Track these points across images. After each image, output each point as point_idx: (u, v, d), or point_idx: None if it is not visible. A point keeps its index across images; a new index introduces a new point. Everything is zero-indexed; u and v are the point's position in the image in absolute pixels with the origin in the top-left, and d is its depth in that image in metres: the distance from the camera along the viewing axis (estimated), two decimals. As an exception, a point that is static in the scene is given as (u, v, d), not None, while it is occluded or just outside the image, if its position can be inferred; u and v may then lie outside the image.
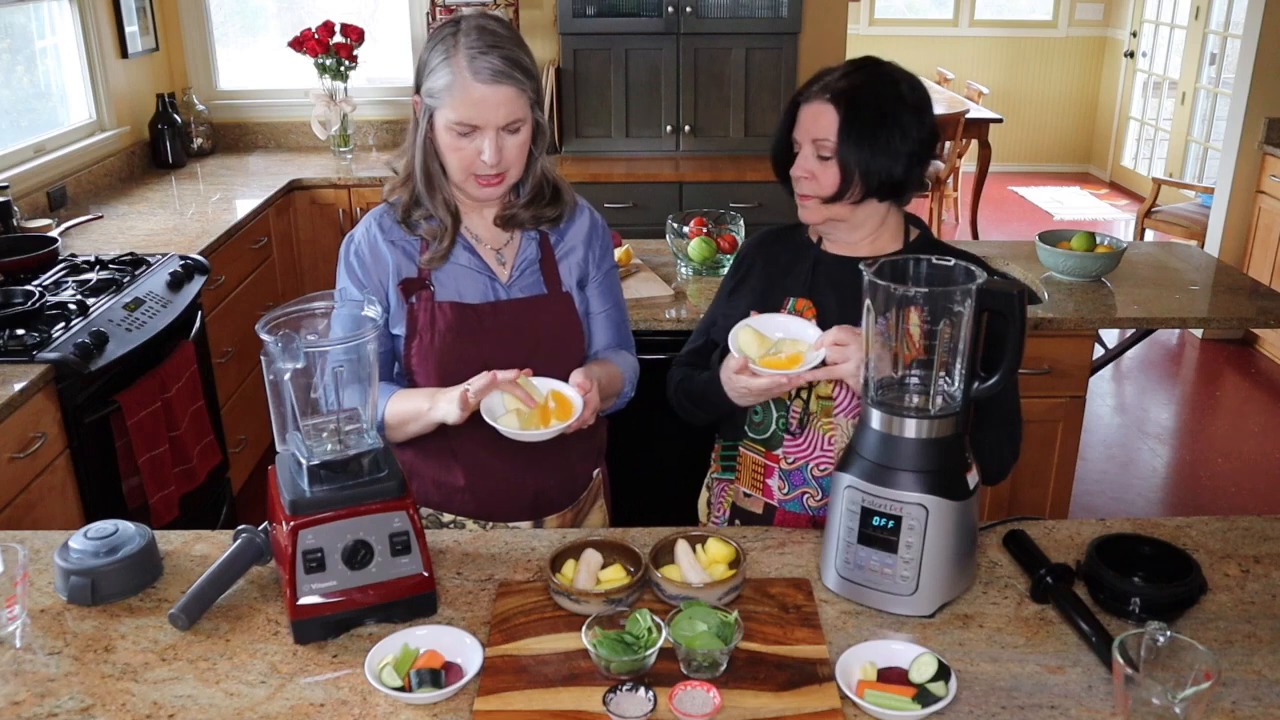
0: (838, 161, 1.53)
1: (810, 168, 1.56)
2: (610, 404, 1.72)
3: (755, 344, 1.55)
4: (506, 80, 1.50)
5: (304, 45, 4.29)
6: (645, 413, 2.86)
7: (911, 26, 8.46)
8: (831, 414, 1.63)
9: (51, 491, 2.31)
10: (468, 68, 1.50)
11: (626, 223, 4.00)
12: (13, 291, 2.61)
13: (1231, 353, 5.04)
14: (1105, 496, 3.78)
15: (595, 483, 1.84)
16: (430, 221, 1.63)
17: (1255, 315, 2.76)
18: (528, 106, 1.55)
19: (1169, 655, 1.19)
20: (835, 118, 1.53)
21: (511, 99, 1.52)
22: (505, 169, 1.57)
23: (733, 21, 4.26)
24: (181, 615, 1.35)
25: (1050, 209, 7.58)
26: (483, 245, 1.67)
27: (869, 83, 1.54)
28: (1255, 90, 4.82)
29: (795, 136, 1.59)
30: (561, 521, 1.77)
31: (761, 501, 1.71)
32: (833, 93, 1.53)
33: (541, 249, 1.69)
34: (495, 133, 1.52)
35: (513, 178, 1.60)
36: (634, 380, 1.79)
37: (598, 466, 1.85)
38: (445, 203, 1.62)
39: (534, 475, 1.70)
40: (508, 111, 1.52)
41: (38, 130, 3.68)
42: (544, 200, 1.66)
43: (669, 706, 1.20)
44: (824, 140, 1.54)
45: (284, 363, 1.32)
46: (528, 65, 1.54)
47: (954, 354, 1.37)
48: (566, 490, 1.76)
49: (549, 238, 1.70)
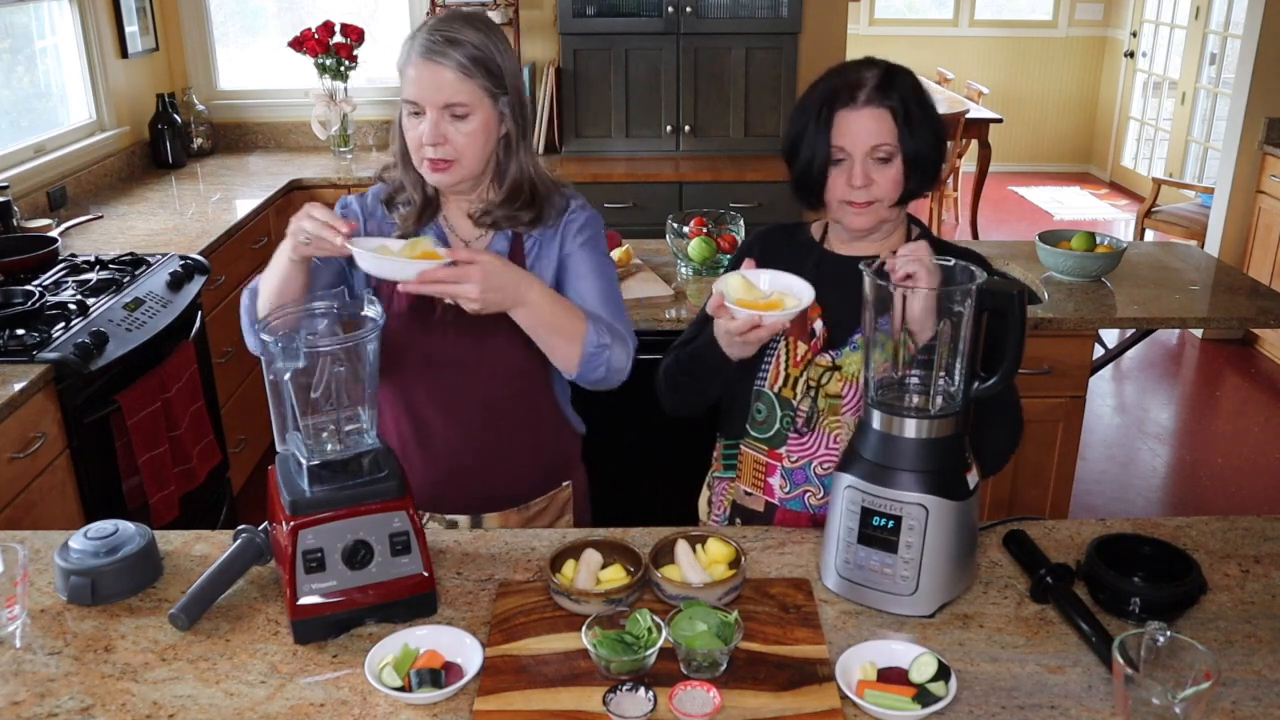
0: (903, 161, 1.55)
1: (870, 174, 1.55)
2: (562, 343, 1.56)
3: (743, 291, 1.50)
4: (449, 62, 1.51)
5: (304, 45, 4.29)
6: (645, 413, 2.86)
7: (911, 26, 8.46)
8: (839, 412, 1.63)
9: (51, 491, 2.31)
10: (419, 47, 1.53)
11: (626, 223, 4.00)
12: (13, 291, 2.61)
13: (1231, 353, 5.04)
14: (1105, 496, 3.78)
15: (561, 494, 1.82)
16: (408, 206, 1.67)
17: (1255, 315, 2.76)
18: (479, 96, 1.54)
19: (1169, 655, 1.19)
20: (890, 121, 1.54)
21: (453, 82, 1.52)
22: (453, 156, 1.56)
23: (733, 21, 4.26)
24: (181, 615, 1.35)
25: (1050, 209, 7.58)
26: (455, 237, 1.68)
27: (901, 80, 1.57)
28: (1255, 90, 4.82)
29: (841, 145, 1.56)
30: (503, 521, 1.76)
31: (762, 500, 1.71)
32: (881, 97, 1.54)
33: (511, 247, 1.68)
34: (437, 113, 1.53)
35: (466, 168, 1.58)
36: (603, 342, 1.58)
37: (566, 479, 1.83)
38: (419, 184, 1.65)
39: (483, 470, 1.70)
40: (450, 93, 1.52)
41: (38, 130, 3.68)
42: (518, 202, 1.64)
43: (669, 706, 1.20)
44: (883, 145, 1.54)
45: (284, 363, 1.32)
46: (483, 57, 1.54)
47: (954, 354, 1.37)
48: (514, 490, 1.76)
49: (522, 238, 1.68)
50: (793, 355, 1.64)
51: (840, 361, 1.63)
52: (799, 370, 1.64)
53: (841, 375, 1.63)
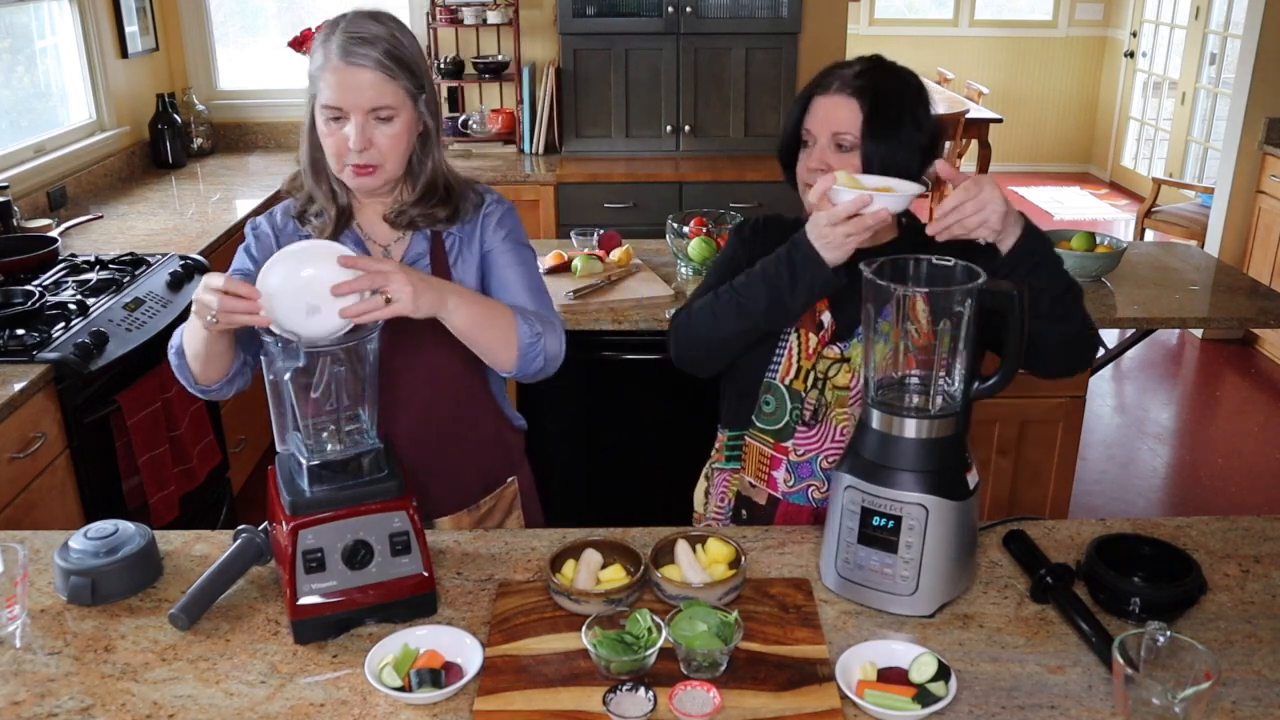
0: (861, 154, 1.56)
1: (827, 159, 1.58)
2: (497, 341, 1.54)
3: (849, 183, 1.49)
4: (372, 64, 1.49)
5: (304, 45, 4.28)
6: (643, 411, 2.87)
7: (911, 26, 8.46)
8: (846, 404, 1.64)
9: (51, 491, 2.31)
10: (336, 50, 1.50)
11: (626, 223, 4.00)
12: (13, 291, 2.61)
13: (1231, 353, 5.04)
14: (1105, 496, 3.78)
15: (508, 490, 1.83)
16: (320, 218, 1.62)
17: (1255, 315, 2.76)
18: (402, 97, 1.53)
19: (1169, 655, 1.19)
20: (858, 111, 1.55)
21: (378, 84, 1.50)
22: (378, 161, 1.54)
23: (733, 21, 4.26)
24: (181, 615, 1.35)
25: (1050, 209, 7.57)
26: (371, 242, 1.65)
27: (887, 78, 1.59)
28: (1255, 90, 4.81)
29: (809, 128, 1.60)
30: (457, 524, 1.76)
31: (765, 493, 1.72)
32: (854, 87, 1.56)
33: (432, 245, 1.66)
34: (362, 117, 1.51)
35: (390, 171, 1.57)
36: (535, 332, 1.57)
37: (511, 475, 1.83)
38: (332, 194, 1.61)
39: (420, 477, 1.67)
40: (373, 96, 1.50)
41: (38, 130, 3.68)
42: (433, 199, 1.62)
43: (669, 706, 1.20)
44: (844, 133, 1.56)
45: (284, 363, 1.32)
46: (403, 56, 1.52)
47: (954, 354, 1.37)
48: (459, 493, 1.76)
49: (441, 236, 1.67)
50: (805, 347, 1.65)
51: (848, 354, 1.63)
52: (811, 363, 1.64)
53: (849, 367, 1.63)
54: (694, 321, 1.64)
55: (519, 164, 4.31)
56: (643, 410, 2.82)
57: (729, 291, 1.59)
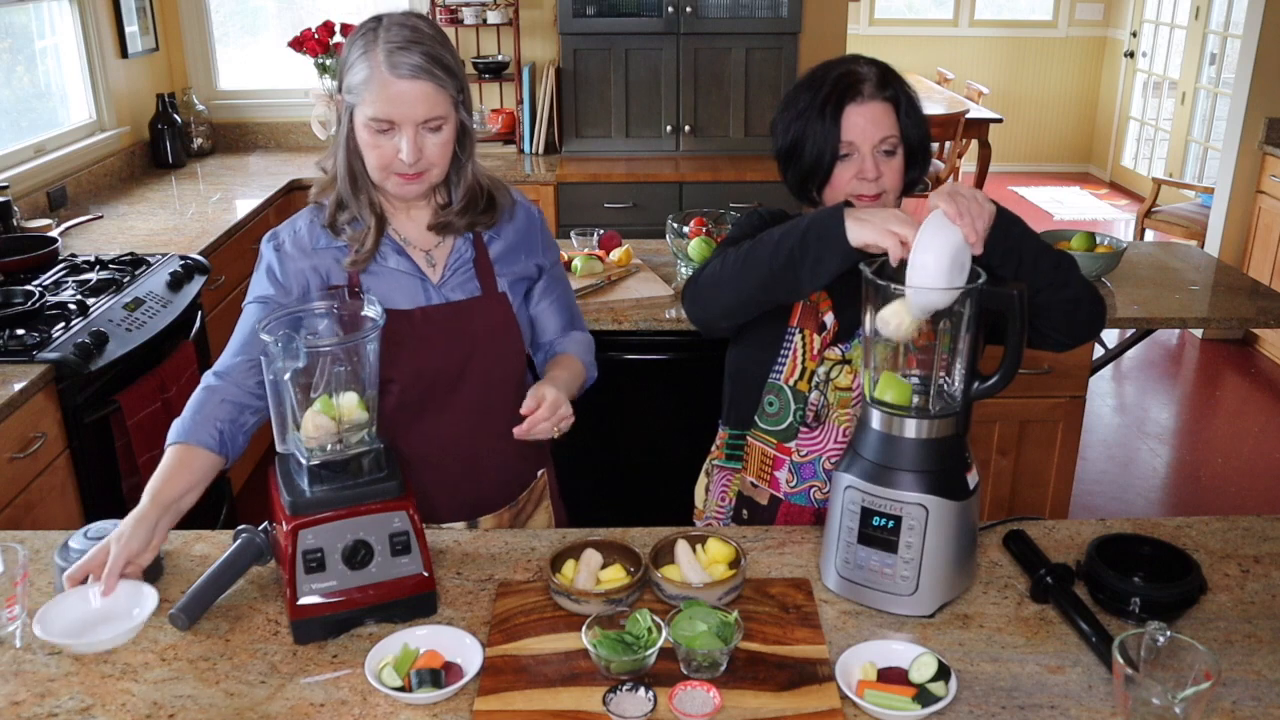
0: (904, 151, 1.61)
1: (879, 167, 1.60)
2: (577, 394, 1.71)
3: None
4: (424, 76, 1.48)
5: (304, 45, 4.29)
6: (643, 411, 2.87)
7: (911, 26, 8.46)
8: (849, 405, 1.64)
9: (51, 491, 2.31)
10: (385, 62, 1.48)
11: (626, 223, 4.00)
12: (13, 291, 2.61)
13: (1231, 353, 5.04)
14: (1105, 496, 3.78)
15: (539, 483, 1.84)
16: (355, 225, 1.60)
17: (1255, 315, 2.76)
18: (449, 105, 1.53)
19: (1169, 655, 1.19)
20: (894, 113, 1.60)
21: (430, 95, 1.49)
22: (426, 167, 1.54)
23: (733, 21, 4.26)
24: (181, 615, 1.35)
25: (1050, 209, 7.57)
26: (412, 248, 1.64)
27: (893, 74, 1.64)
28: (1255, 90, 4.81)
29: (851, 140, 1.59)
30: (499, 522, 1.76)
31: (767, 493, 1.72)
32: (885, 90, 1.60)
33: (475, 248, 1.67)
34: (414, 129, 1.50)
35: (435, 176, 1.57)
36: (592, 360, 1.80)
37: (541, 468, 1.84)
38: (370, 203, 1.59)
39: (471, 478, 1.70)
40: (426, 108, 1.50)
41: (38, 130, 3.68)
42: (478, 208, 1.64)
43: (669, 706, 1.20)
44: (889, 137, 1.60)
45: (284, 362, 1.32)
46: (449, 63, 1.52)
47: (954, 354, 1.37)
48: (503, 491, 1.77)
49: (482, 237, 1.67)
50: (809, 348, 1.65)
51: (850, 354, 1.64)
52: (815, 364, 1.65)
53: (851, 368, 1.64)
54: (724, 273, 1.59)
55: (519, 164, 4.31)
56: (643, 410, 2.82)
57: (752, 243, 1.56)
